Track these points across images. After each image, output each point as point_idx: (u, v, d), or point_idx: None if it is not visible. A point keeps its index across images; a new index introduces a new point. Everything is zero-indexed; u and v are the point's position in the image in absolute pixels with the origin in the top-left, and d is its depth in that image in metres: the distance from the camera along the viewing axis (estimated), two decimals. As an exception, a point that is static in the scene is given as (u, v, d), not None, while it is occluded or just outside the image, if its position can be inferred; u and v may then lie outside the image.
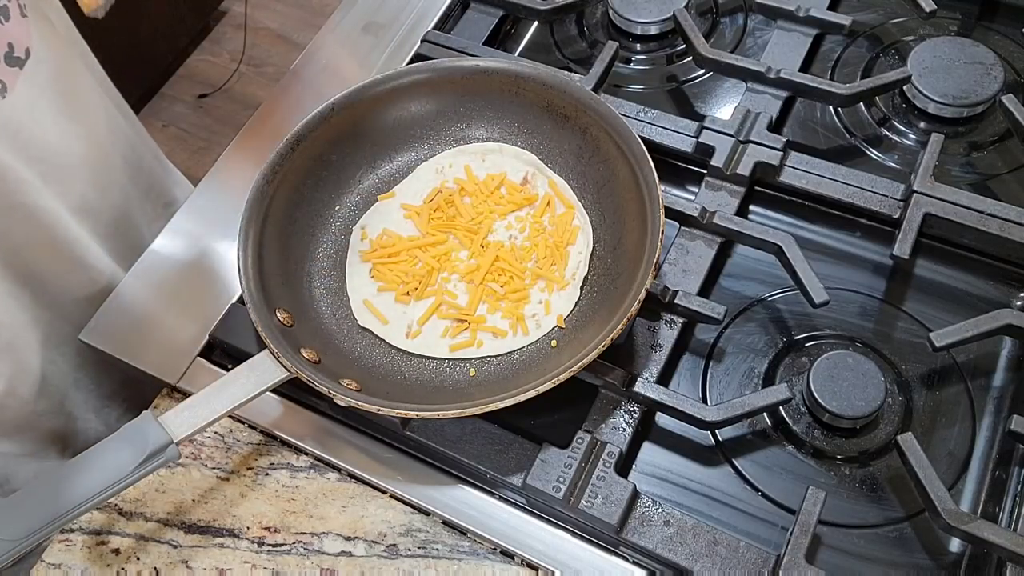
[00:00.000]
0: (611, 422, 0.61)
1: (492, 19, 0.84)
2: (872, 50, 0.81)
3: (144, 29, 1.98)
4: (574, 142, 0.70)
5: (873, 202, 0.68)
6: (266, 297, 0.62)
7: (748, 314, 0.68)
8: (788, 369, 0.64)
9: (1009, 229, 0.65)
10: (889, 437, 0.61)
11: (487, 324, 0.65)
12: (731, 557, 0.56)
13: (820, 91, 0.73)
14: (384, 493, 0.64)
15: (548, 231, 0.68)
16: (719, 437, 0.63)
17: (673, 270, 0.67)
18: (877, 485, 0.60)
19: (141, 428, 0.55)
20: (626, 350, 0.64)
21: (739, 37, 0.83)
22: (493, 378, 0.63)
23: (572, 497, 0.58)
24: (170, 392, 0.70)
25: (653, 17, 0.81)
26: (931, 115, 0.74)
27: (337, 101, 0.69)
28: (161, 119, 2.09)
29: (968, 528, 0.53)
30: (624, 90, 0.81)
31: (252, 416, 0.66)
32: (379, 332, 0.66)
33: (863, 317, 0.67)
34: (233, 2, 2.26)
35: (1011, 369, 0.64)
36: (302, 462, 0.66)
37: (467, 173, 0.72)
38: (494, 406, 0.56)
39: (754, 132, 0.71)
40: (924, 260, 0.69)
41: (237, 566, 0.62)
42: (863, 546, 0.58)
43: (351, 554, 0.62)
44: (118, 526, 0.64)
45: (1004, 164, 0.73)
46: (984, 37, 0.79)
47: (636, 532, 0.57)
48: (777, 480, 0.61)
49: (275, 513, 0.64)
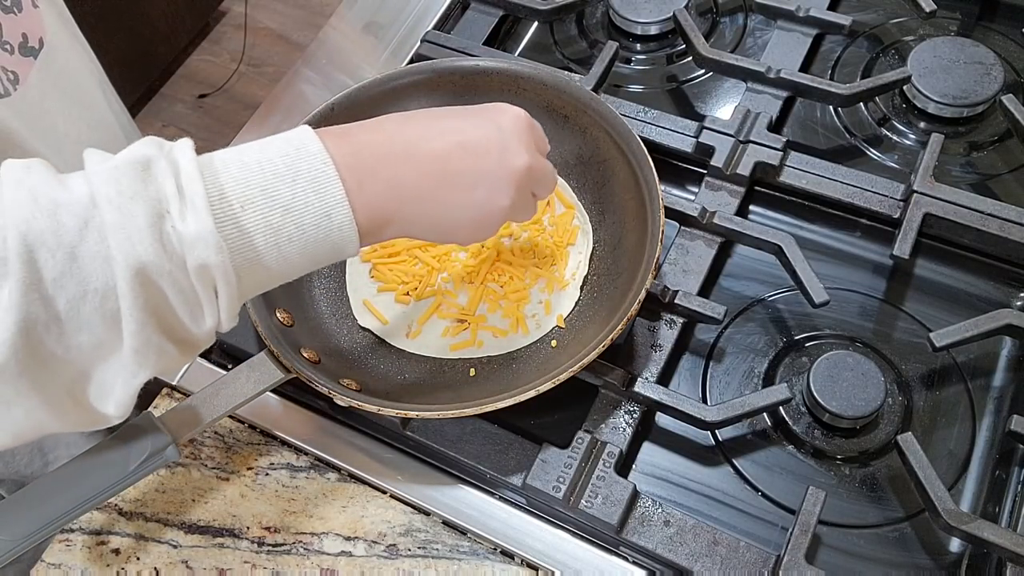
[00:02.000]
0: (611, 422, 0.61)
1: (492, 19, 0.84)
2: (872, 50, 0.81)
3: (144, 29, 1.98)
4: (574, 142, 0.70)
5: (873, 202, 0.68)
6: (266, 297, 0.62)
7: (748, 314, 0.68)
8: (788, 369, 0.64)
9: (1009, 229, 0.65)
10: (889, 437, 0.61)
11: (487, 324, 0.65)
12: (731, 557, 0.56)
13: (820, 91, 0.73)
14: (384, 493, 0.64)
15: (548, 231, 0.68)
16: (719, 437, 0.63)
17: (673, 270, 0.67)
18: (877, 485, 0.60)
19: (141, 428, 0.55)
20: (626, 350, 0.64)
21: (739, 37, 0.83)
22: (493, 378, 0.63)
23: (572, 497, 0.58)
24: (170, 392, 0.70)
25: (653, 17, 0.81)
26: (931, 115, 0.74)
27: (337, 101, 0.69)
28: (161, 119, 2.09)
29: (968, 528, 0.53)
30: (624, 90, 0.81)
31: (252, 416, 0.66)
32: (379, 332, 0.66)
33: (863, 317, 0.67)
34: (233, 2, 2.26)
35: (1011, 369, 0.64)
36: (302, 462, 0.66)
37: (467, 173, 0.71)
38: (494, 406, 0.56)
39: (754, 132, 0.71)
40: (924, 260, 0.69)
41: (237, 566, 0.62)
42: (863, 546, 0.58)
43: (351, 554, 0.62)
44: (118, 526, 0.64)
45: (1004, 164, 0.73)
46: (984, 37, 0.79)
47: (636, 532, 0.57)
48: (777, 480, 0.61)
49: (275, 513, 0.64)
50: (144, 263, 0.40)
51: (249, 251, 0.43)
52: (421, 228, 0.51)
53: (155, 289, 0.41)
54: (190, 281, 0.42)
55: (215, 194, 0.42)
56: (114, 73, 0.83)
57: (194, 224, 0.41)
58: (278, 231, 0.43)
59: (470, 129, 0.50)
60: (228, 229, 0.42)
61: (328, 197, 0.44)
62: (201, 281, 0.42)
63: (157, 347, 0.43)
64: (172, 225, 0.41)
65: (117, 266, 0.40)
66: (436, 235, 0.52)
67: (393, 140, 0.48)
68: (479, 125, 0.51)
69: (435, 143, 0.49)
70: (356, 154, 0.46)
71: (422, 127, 0.50)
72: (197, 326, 0.44)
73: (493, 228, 0.53)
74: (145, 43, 2.01)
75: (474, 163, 0.50)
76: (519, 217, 0.55)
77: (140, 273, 0.40)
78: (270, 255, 0.44)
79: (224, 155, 0.44)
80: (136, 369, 0.43)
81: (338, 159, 0.45)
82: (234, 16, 2.26)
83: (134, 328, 0.41)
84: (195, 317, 0.44)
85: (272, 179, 0.43)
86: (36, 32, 0.63)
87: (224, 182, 0.43)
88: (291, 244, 0.44)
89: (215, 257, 0.41)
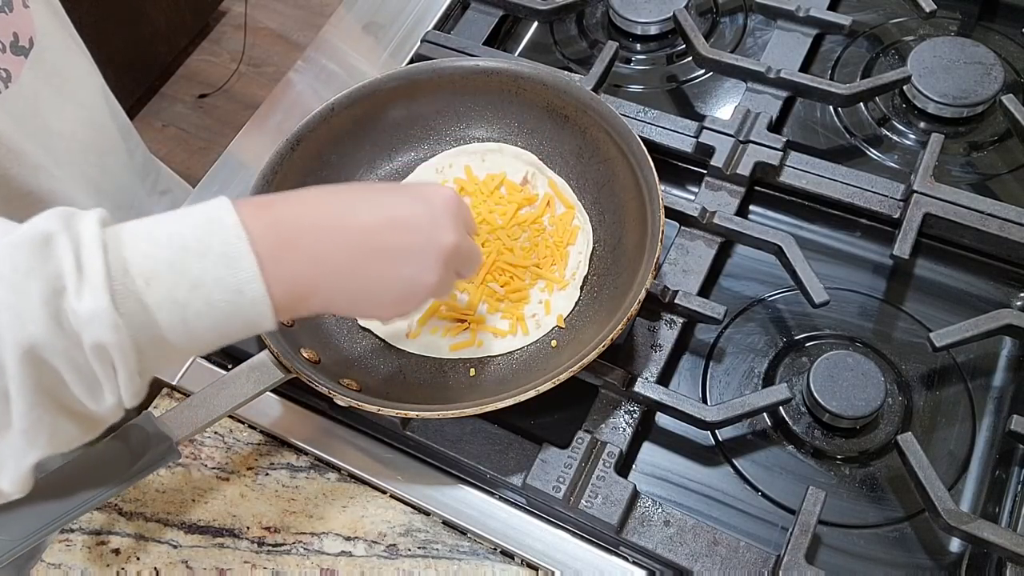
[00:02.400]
0: (611, 422, 0.61)
1: (492, 19, 0.84)
2: (872, 50, 0.81)
3: (144, 29, 1.98)
4: (574, 142, 0.70)
5: (873, 202, 0.68)
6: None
7: (748, 314, 0.68)
8: (788, 369, 0.64)
9: (1009, 229, 0.65)
10: (889, 437, 0.61)
11: (487, 324, 0.65)
12: (731, 557, 0.56)
13: (820, 91, 0.73)
14: (384, 493, 0.64)
15: (548, 231, 0.68)
16: (719, 437, 0.63)
17: (673, 270, 0.67)
18: (877, 485, 0.60)
19: (141, 428, 0.55)
20: (626, 350, 0.64)
21: (739, 37, 0.83)
22: (493, 378, 0.63)
23: (572, 497, 0.58)
24: (170, 392, 0.70)
25: (653, 17, 0.81)
26: (931, 115, 0.74)
27: (337, 101, 0.69)
28: (161, 119, 2.09)
29: (968, 528, 0.53)
30: (624, 90, 0.81)
31: (252, 416, 0.66)
32: (379, 332, 0.66)
33: (863, 317, 0.67)
34: (233, 2, 2.26)
35: (1011, 369, 0.64)
36: (302, 462, 0.66)
37: (467, 173, 0.72)
38: (494, 406, 0.56)
39: (754, 132, 0.71)
40: (924, 260, 0.69)
41: (237, 566, 0.62)
42: (863, 546, 0.58)
43: (351, 554, 0.62)
44: (118, 526, 0.64)
45: (1004, 164, 0.73)
46: (984, 37, 0.79)
47: (636, 532, 0.57)
48: (777, 480, 0.61)
49: (275, 513, 0.64)
50: (35, 342, 0.39)
51: (152, 328, 0.42)
52: (345, 302, 0.49)
53: (48, 368, 0.40)
54: (87, 359, 0.41)
55: (117, 269, 0.41)
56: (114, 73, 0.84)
57: (91, 302, 0.39)
58: (185, 307, 0.42)
59: (401, 204, 0.49)
60: (129, 305, 0.41)
61: (240, 272, 0.43)
62: (99, 359, 0.41)
63: (50, 427, 0.42)
64: (69, 303, 0.39)
65: (5, 345, 0.39)
66: (359, 310, 0.50)
67: (319, 211, 0.47)
68: (410, 201, 0.50)
69: (364, 216, 0.48)
70: (275, 225, 0.45)
71: (351, 199, 0.49)
72: (97, 404, 0.43)
73: (416, 305, 0.52)
74: (145, 43, 2.01)
75: (404, 239, 0.48)
76: (440, 296, 0.53)
77: (30, 352, 0.39)
78: (175, 331, 0.42)
79: (136, 227, 0.43)
80: (27, 448, 0.42)
81: (255, 232, 0.43)
82: (234, 16, 2.26)
83: (23, 408, 0.40)
84: (94, 395, 0.42)
85: (181, 253, 0.42)
86: (27, 31, 0.64)
87: (129, 256, 0.41)
88: (199, 320, 0.43)
89: (111, 336, 0.40)
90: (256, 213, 0.44)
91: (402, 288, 0.49)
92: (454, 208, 0.51)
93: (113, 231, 0.42)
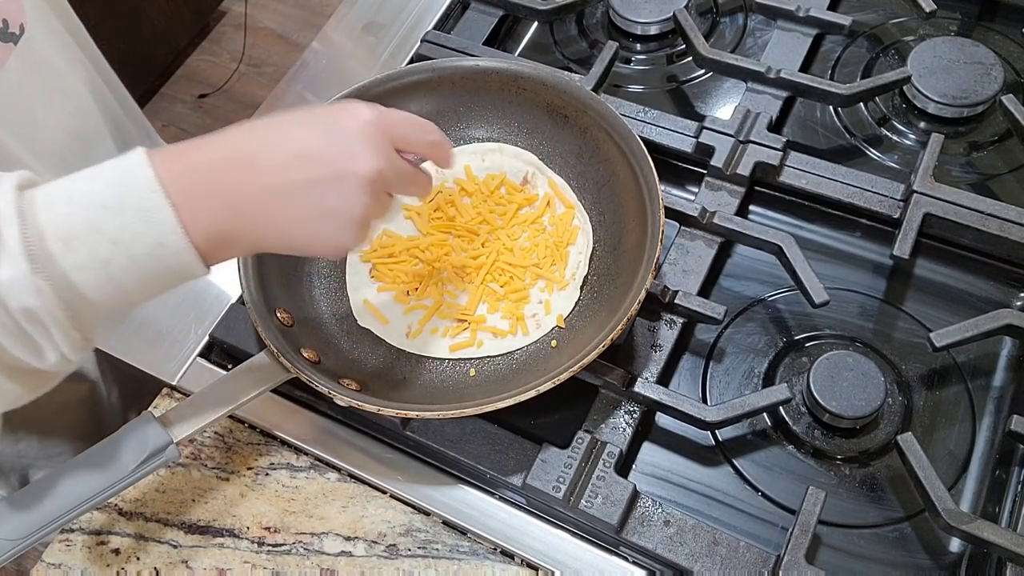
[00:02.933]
0: (611, 422, 0.61)
1: (492, 19, 0.84)
2: (872, 50, 0.81)
3: (144, 29, 1.98)
4: (574, 142, 0.70)
5: (873, 202, 0.68)
6: (266, 297, 0.62)
7: (748, 314, 0.68)
8: (788, 369, 0.64)
9: (1009, 229, 0.65)
10: (889, 437, 0.61)
11: (487, 324, 0.65)
12: (731, 557, 0.56)
13: (820, 91, 0.73)
14: (384, 493, 0.64)
15: (548, 231, 0.68)
16: (719, 437, 0.63)
17: (673, 270, 0.67)
18: (877, 485, 0.60)
19: (141, 428, 0.55)
20: (626, 350, 0.64)
21: (739, 37, 0.83)
22: (493, 378, 0.63)
23: (572, 497, 0.58)
24: (170, 392, 0.70)
25: (653, 17, 0.81)
26: (931, 115, 0.74)
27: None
28: (161, 119, 2.09)
29: (968, 528, 0.53)
30: (624, 90, 0.81)
31: (252, 416, 0.66)
32: (379, 332, 0.66)
33: (863, 317, 0.67)
34: (233, 2, 2.26)
35: (1011, 369, 0.64)
36: (302, 462, 0.66)
37: (467, 173, 0.72)
38: (494, 406, 0.56)
39: (754, 132, 0.71)
40: (924, 260, 0.69)
41: (237, 566, 0.62)
42: (863, 546, 0.58)
43: (351, 554, 0.62)
44: (118, 526, 0.64)
45: (1004, 164, 0.73)
46: (984, 37, 0.79)
47: (636, 532, 0.57)
48: (777, 480, 0.61)
49: (275, 513, 0.64)
50: None
51: (76, 287, 0.42)
52: (274, 242, 0.49)
53: None
54: (17, 323, 0.41)
55: (33, 236, 0.41)
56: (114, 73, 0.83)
57: (9, 270, 0.40)
58: (108, 264, 0.42)
59: (312, 138, 0.48)
60: (49, 268, 0.41)
61: (159, 225, 0.43)
62: (29, 322, 0.41)
63: None
64: None
65: None
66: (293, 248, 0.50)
67: (230, 156, 0.47)
68: (324, 132, 0.48)
69: (274, 155, 0.47)
70: (189, 173, 0.45)
71: (261, 138, 0.48)
72: (40, 362, 0.43)
73: (356, 234, 0.50)
74: (145, 43, 2.01)
75: (313, 172, 0.47)
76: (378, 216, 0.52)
77: None
78: (103, 288, 0.43)
79: (51, 189, 0.43)
80: None
81: (169, 183, 0.43)
82: (234, 16, 2.26)
83: None
84: (36, 354, 0.43)
85: (98, 211, 0.42)
86: (17, 18, 0.63)
87: (45, 220, 0.41)
88: (126, 275, 0.43)
89: (34, 300, 0.41)
90: (170, 165, 0.44)
91: (330, 222, 0.48)
92: (370, 131, 0.49)
93: (29, 195, 0.42)
